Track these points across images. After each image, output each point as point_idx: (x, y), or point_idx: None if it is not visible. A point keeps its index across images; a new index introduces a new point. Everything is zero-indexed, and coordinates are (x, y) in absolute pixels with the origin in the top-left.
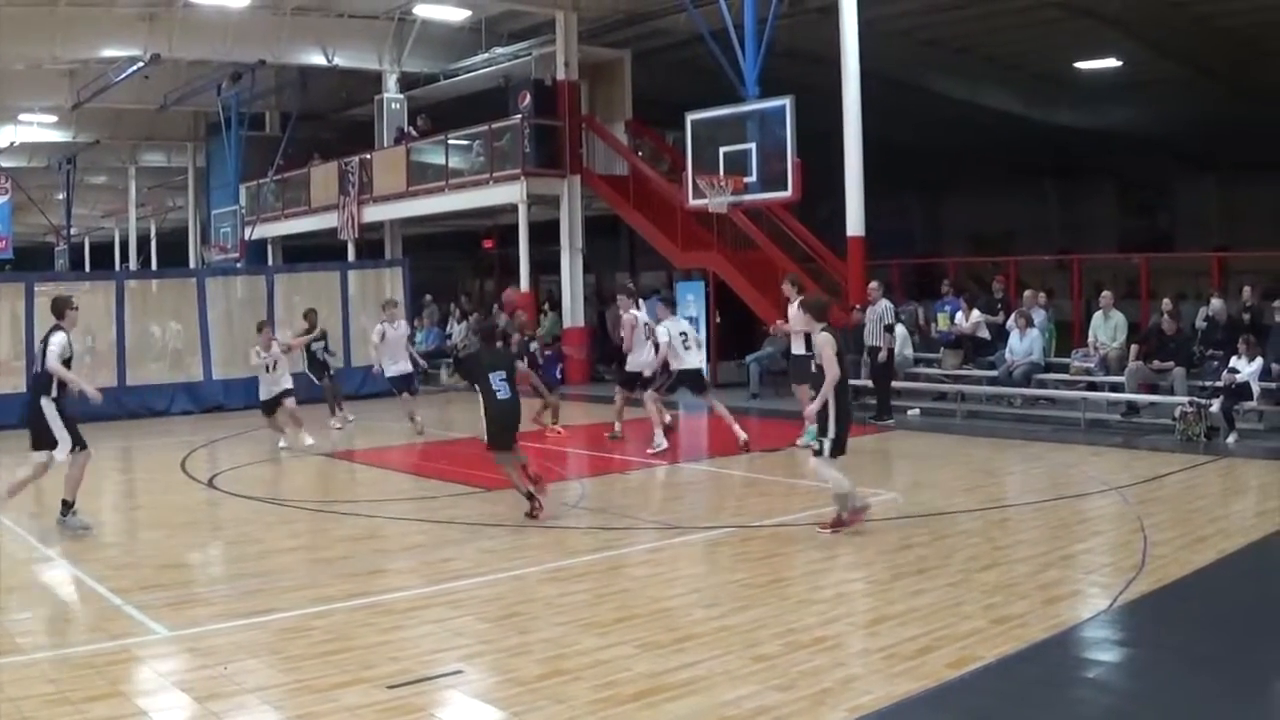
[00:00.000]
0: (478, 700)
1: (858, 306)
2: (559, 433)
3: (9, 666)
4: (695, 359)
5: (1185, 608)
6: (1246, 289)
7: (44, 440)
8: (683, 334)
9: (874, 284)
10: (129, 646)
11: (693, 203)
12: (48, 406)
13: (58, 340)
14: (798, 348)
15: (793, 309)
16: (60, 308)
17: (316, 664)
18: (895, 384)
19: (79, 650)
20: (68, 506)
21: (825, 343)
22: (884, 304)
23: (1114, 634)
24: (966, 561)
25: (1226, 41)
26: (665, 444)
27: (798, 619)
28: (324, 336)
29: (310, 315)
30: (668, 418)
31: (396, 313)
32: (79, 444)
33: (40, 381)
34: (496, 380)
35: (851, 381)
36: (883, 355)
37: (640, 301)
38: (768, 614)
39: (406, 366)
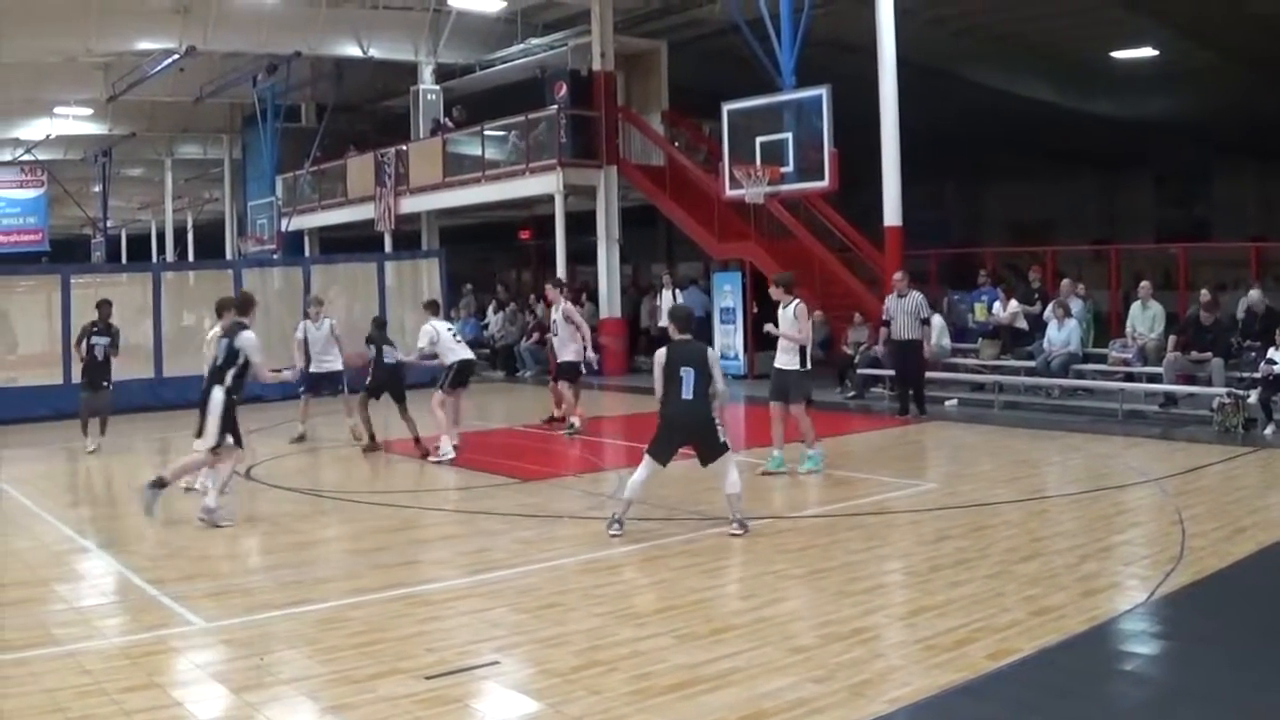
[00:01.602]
0: (514, 691)
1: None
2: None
3: (45, 658)
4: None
5: (1224, 600)
6: None
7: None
8: (451, 330)
9: (899, 274)
10: (165, 637)
11: (729, 193)
12: (217, 397)
13: (250, 338)
14: (783, 360)
15: (783, 313)
16: (246, 305)
17: (353, 655)
18: (933, 375)
19: (115, 641)
20: (162, 484)
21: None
22: (917, 296)
23: (1152, 626)
24: (1005, 553)
25: (1263, 29)
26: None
27: (835, 610)
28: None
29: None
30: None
31: (321, 310)
32: (237, 442)
33: (217, 373)
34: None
35: (867, 372)
36: (928, 350)
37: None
38: (805, 605)
39: (335, 365)
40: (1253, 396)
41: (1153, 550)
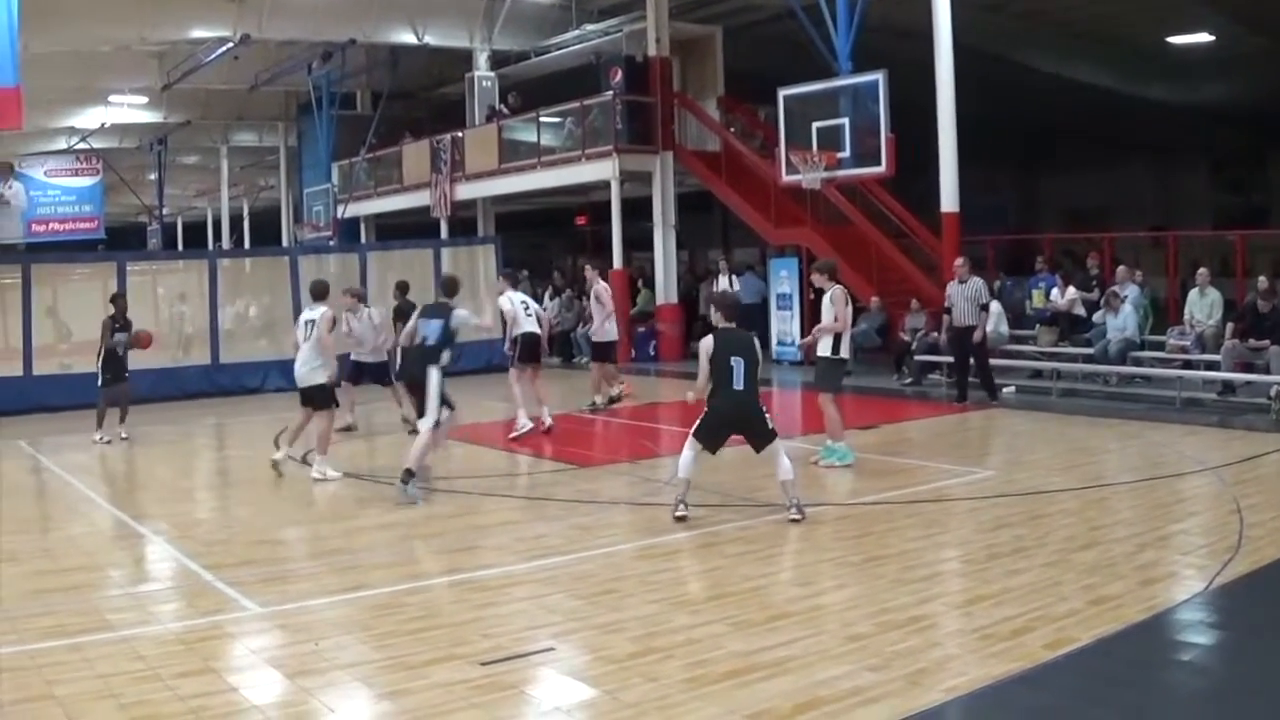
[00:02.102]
0: (569, 678)
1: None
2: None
3: (100, 643)
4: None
5: None
6: None
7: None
8: (524, 303)
9: (960, 260)
10: (220, 623)
11: (786, 179)
12: (435, 377)
13: (464, 315)
14: (824, 348)
15: (825, 301)
16: (454, 287)
17: (408, 640)
18: (991, 361)
19: (170, 627)
20: (410, 475)
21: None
22: (977, 282)
23: (1210, 616)
24: (1063, 541)
25: None
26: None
27: (892, 598)
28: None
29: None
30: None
31: (355, 303)
32: (450, 408)
33: (432, 353)
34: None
35: (924, 358)
36: (978, 335)
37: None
38: (862, 593)
39: (378, 356)
40: None
41: (1210, 539)
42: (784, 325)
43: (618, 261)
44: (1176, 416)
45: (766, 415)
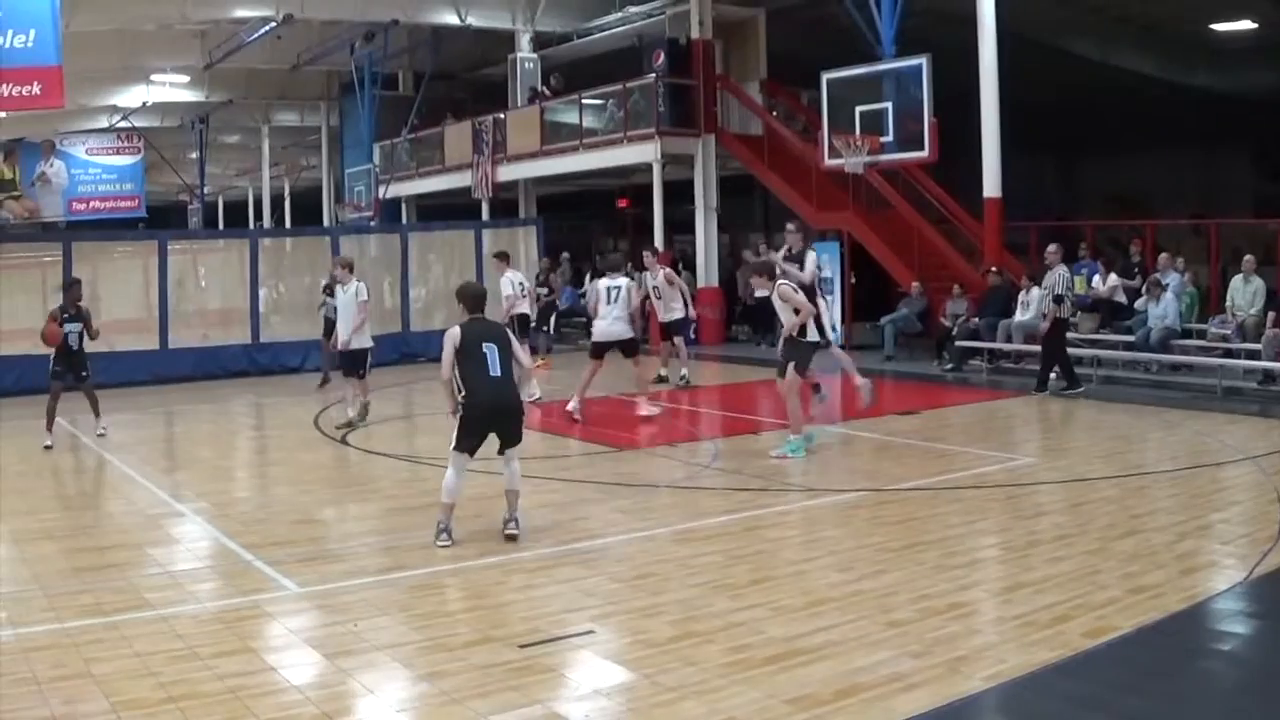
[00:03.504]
0: (609, 661)
1: (994, 269)
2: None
3: (138, 621)
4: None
5: None
6: None
7: None
8: (521, 284)
9: (1053, 246)
10: (259, 602)
11: (829, 163)
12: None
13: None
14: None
15: (776, 302)
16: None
17: (447, 622)
18: (1032, 348)
19: (208, 606)
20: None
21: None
22: (1060, 270)
23: (1250, 606)
24: (1103, 529)
25: None
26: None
27: (932, 585)
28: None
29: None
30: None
31: (344, 275)
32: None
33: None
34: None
35: (965, 344)
36: (1044, 326)
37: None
38: (902, 579)
39: (362, 341)
40: None
41: (1251, 529)
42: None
43: (659, 244)
44: (1217, 405)
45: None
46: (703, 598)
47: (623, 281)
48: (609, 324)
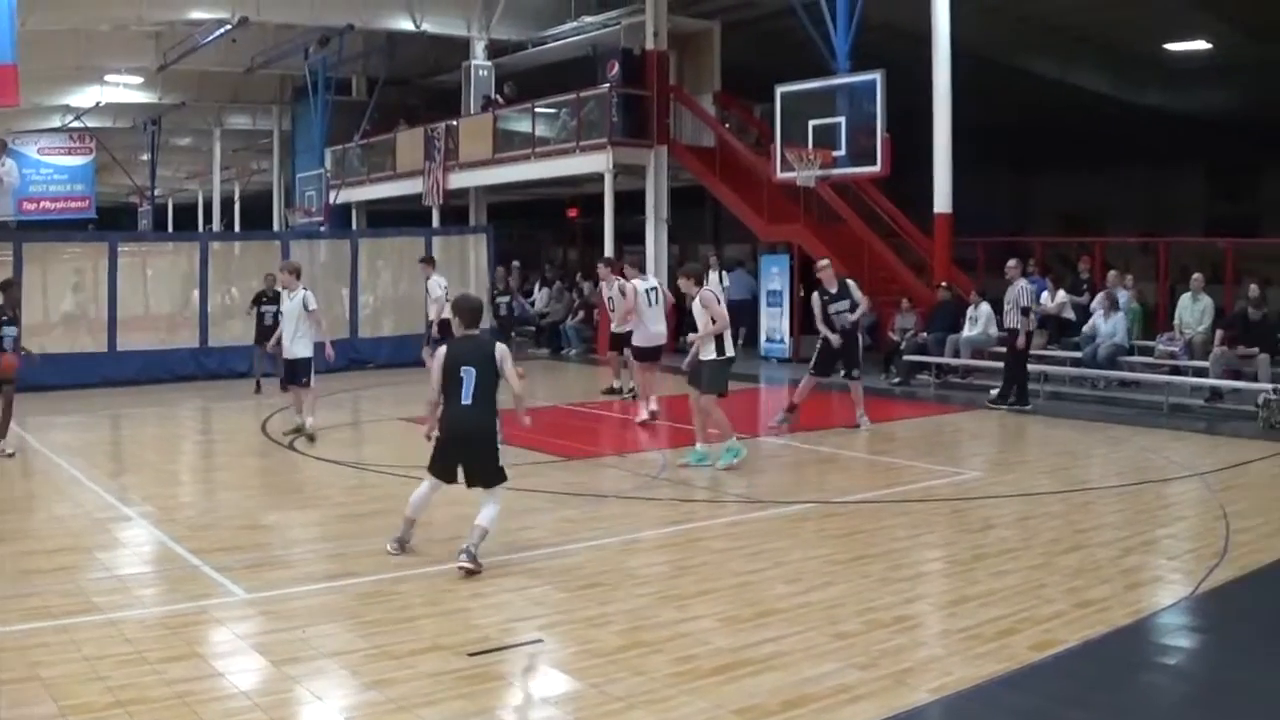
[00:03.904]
0: (557, 670)
1: (943, 284)
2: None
3: (86, 626)
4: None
5: (1268, 597)
6: None
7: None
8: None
9: (1013, 262)
10: (207, 608)
11: (781, 176)
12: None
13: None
14: (708, 352)
15: (695, 305)
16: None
17: (395, 630)
18: (979, 363)
19: (156, 611)
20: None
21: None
22: (1021, 284)
23: (1196, 621)
24: (1050, 544)
25: None
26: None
27: (879, 597)
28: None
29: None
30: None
31: (290, 281)
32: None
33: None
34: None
35: (913, 358)
36: (1021, 340)
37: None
38: (849, 591)
39: (301, 350)
40: None
41: (1197, 545)
42: (774, 322)
43: (609, 254)
44: (1164, 422)
45: (500, 449)
46: (650, 608)
47: (655, 283)
48: (657, 327)
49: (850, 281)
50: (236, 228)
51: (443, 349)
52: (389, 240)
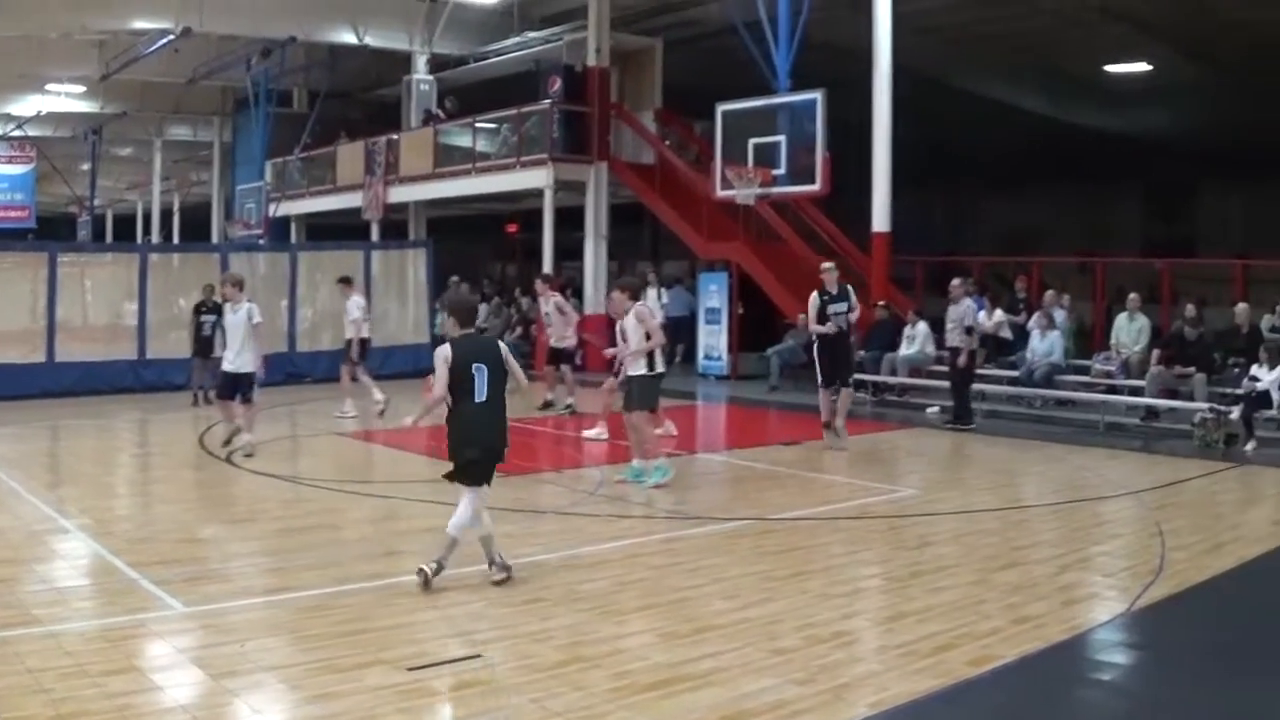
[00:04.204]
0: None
1: (880, 303)
2: None
3: (27, 638)
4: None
5: (1203, 614)
6: (1278, 307)
7: None
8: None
9: (957, 281)
10: (145, 621)
11: (720, 193)
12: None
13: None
14: (639, 367)
15: (627, 320)
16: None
17: (335, 644)
18: (916, 381)
19: (95, 623)
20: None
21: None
22: (967, 303)
23: (1132, 637)
24: (985, 561)
25: (1255, 46)
26: None
27: (817, 613)
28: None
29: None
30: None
31: (234, 294)
32: None
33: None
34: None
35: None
36: (962, 359)
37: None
38: (787, 607)
39: (244, 364)
40: (1235, 413)
41: (1133, 562)
42: (712, 340)
43: (550, 271)
44: (1100, 440)
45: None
46: (589, 623)
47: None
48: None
49: (849, 287)
50: (176, 239)
51: (445, 348)
52: (328, 254)
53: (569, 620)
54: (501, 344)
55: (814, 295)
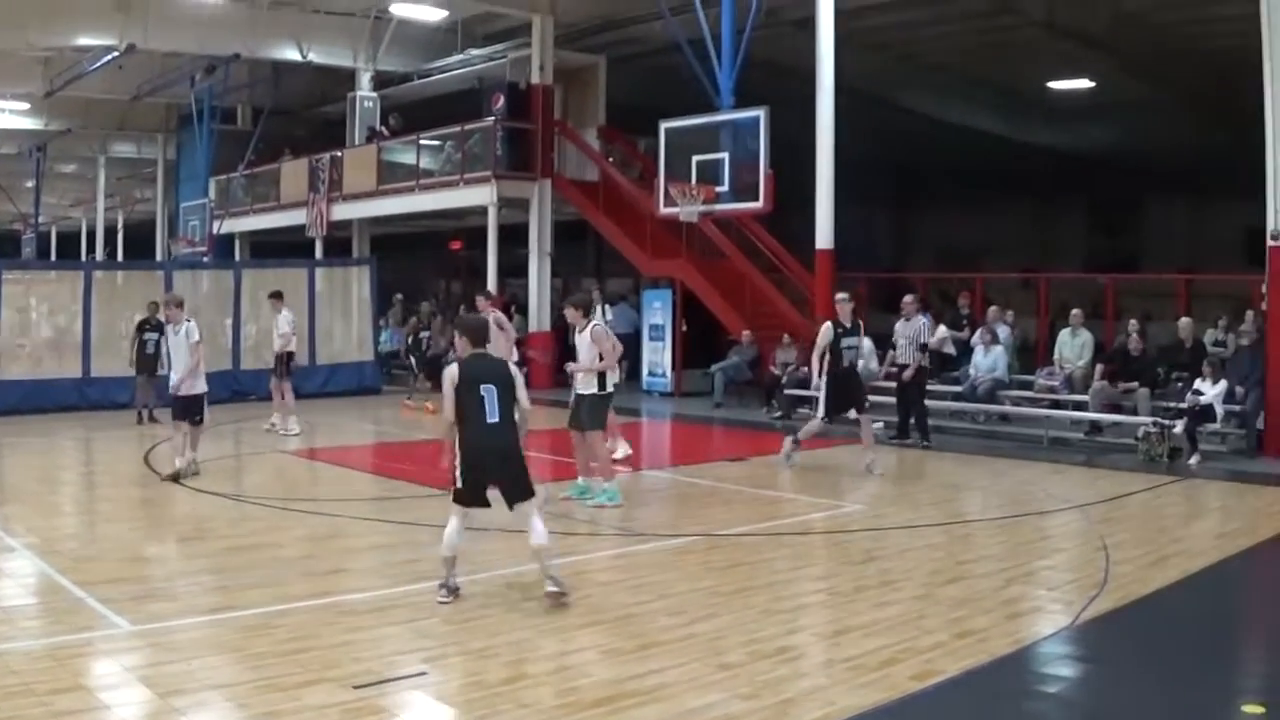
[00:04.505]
0: (442, 702)
1: (819, 317)
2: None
3: None
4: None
5: (1147, 627)
6: (1221, 321)
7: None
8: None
9: (909, 298)
10: (92, 640)
11: (664, 211)
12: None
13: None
14: (581, 385)
15: (580, 337)
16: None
17: (281, 662)
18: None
19: (43, 642)
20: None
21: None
22: (921, 320)
23: (1076, 650)
24: (930, 575)
25: (1198, 65)
26: None
27: (762, 628)
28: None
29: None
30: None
31: (175, 314)
32: None
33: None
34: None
35: (794, 392)
36: (908, 374)
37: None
38: (732, 623)
39: (195, 386)
40: (1179, 427)
41: (1077, 576)
42: (656, 356)
43: (492, 288)
44: (1043, 455)
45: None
46: (535, 640)
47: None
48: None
49: (859, 322)
50: (120, 257)
51: (453, 369)
52: (272, 271)
53: (515, 637)
54: (511, 365)
55: (827, 326)
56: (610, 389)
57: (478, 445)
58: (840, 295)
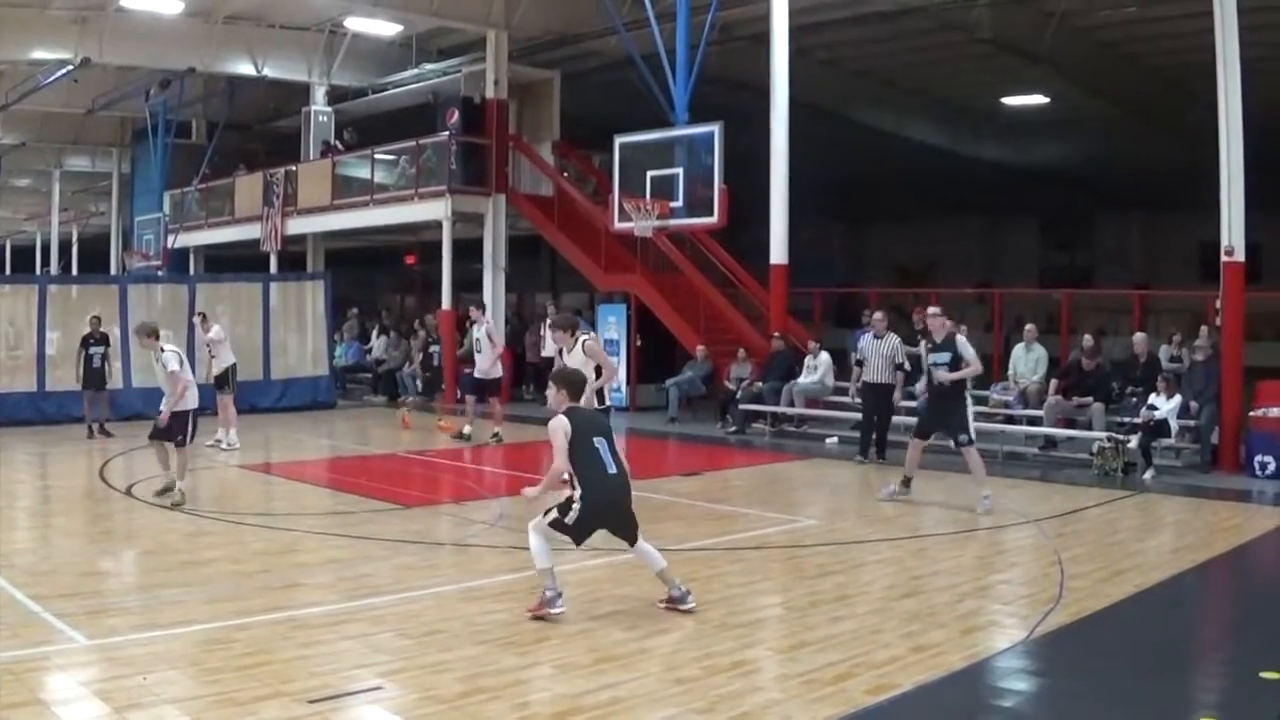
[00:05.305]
0: (397, 717)
1: (777, 334)
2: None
3: None
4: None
5: (1102, 641)
6: (1175, 337)
7: None
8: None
9: (878, 315)
10: (48, 654)
11: (618, 226)
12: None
13: None
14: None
15: (571, 355)
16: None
17: (236, 677)
18: (814, 412)
19: None
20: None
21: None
22: (893, 340)
23: (1031, 664)
24: (885, 590)
25: (1152, 82)
26: None
27: (717, 643)
28: None
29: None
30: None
31: (149, 344)
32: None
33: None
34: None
35: (749, 407)
36: (898, 395)
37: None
38: (687, 637)
39: (187, 403)
40: (1133, 441)
41: (1032, 590)
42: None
43: (446, 302)
44: (998, 470)
45: None
46: (490, 654)
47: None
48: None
49: (961, 338)
50: (75, 270)
51: (567, 423)
52: (227, 285)
53: (470, 652)
54: (607, 421)
55: (923, 342)
56: (609, 402)
57: (605, 499)
58: (932, 309)
